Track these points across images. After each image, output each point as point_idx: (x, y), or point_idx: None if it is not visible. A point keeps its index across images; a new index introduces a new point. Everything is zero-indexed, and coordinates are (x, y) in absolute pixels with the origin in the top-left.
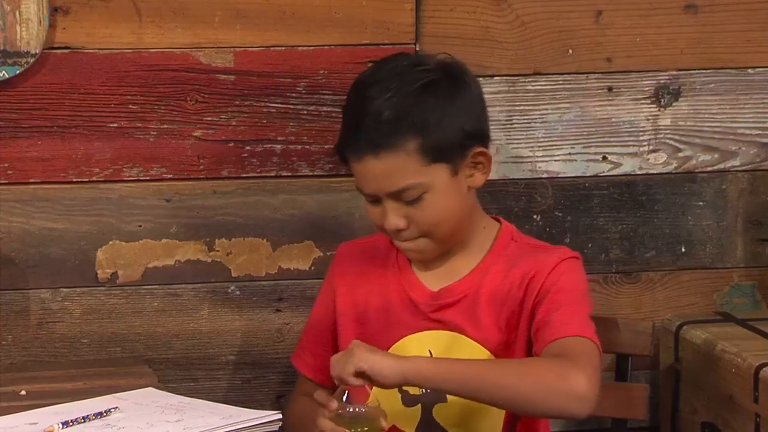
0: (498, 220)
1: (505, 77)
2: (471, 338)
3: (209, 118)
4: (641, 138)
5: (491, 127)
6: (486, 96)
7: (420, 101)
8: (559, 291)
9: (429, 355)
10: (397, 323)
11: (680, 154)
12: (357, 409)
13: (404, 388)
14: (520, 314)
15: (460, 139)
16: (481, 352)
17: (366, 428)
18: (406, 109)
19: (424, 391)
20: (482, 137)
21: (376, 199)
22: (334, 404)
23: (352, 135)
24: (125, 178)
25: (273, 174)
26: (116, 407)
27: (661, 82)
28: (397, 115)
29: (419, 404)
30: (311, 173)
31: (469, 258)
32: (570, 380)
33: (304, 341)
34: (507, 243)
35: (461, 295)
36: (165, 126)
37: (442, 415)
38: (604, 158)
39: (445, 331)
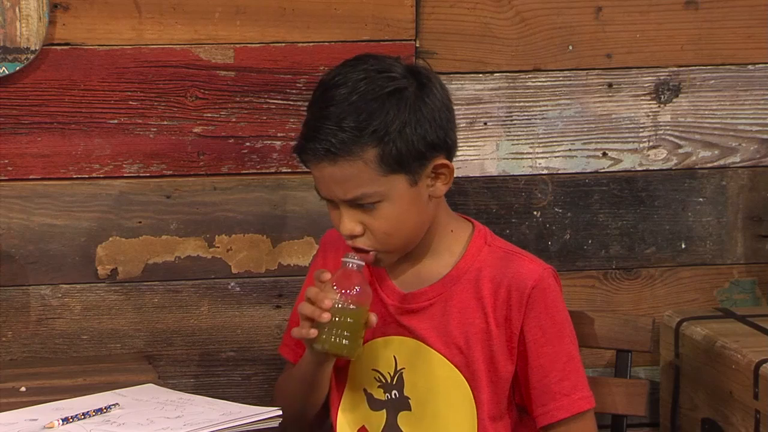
0: (470, 222)
1: (505, 73)
2: (435, 349)
3: (209, 115)
4: (641, 134)
5: (491, 124)
6: (486, 92)
7: (382, 110)
8: (546, 342)
9: (394, 361)
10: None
11: (680, 151)
12: (348, 291)
13: (368, 390)
14: (487, 332)
15: (421, 149)
16: (444, 364)
17: (352, 308)
18: (368, 117)
19: (389, 396)
20: (445, 147)
21: (333, 202)
22: (327, 275)
23: (310, 139)
24: (125, 174)
25: (273, 170)
26: (116, 403)
27: (661, 78)
28: (358, 123)
29: (384, 410)
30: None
31: (438, 263)
32: None
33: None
34: (480, 248)
35: (428, 303)
36: (165, 122)
37: (407, 423)
38: (604, 154)
39: (411, 339)
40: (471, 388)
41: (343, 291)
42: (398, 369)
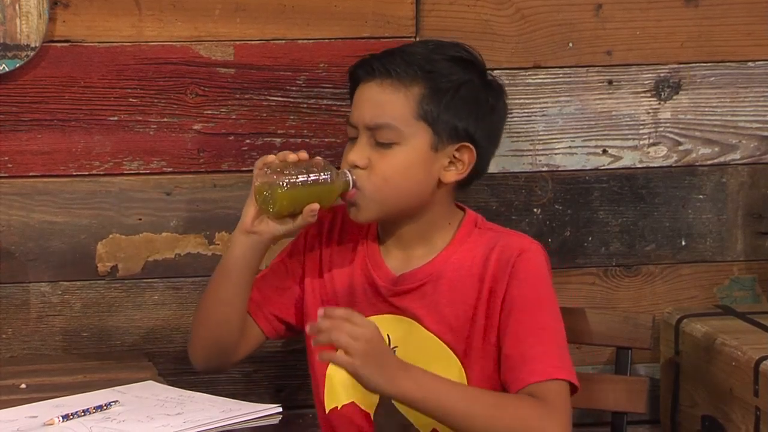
0: (463, 209)
1: (505, 70)
2: (426, 328)
3: (209, 112)
4: (641, 131)
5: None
6: None
7: (446, 64)
8: (524, 310)
9: (387, 339)
10: (358, 302)
11: (680, 148)
12: (321, 174)
13: None
14: (475, 308)
15: (457, 125)
16: (435, 343)
17: (312, 181)
18: (431, 61)
19: None
20: (476, 146)
21: (355, 137)
22: (302, 155)
23: (372, 58)
24: (125, 172)
25: None
26: (116, 400)
27: (662, 75)
28: (421, 61)
29: None
30: None
31: (431, 247)
32: None
33: (270, 285)
34: (470, 230)
35: (420, 283)
36: (165, 119)
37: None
38: (605, 151)
39: (404, 317)
40: (462, 366)
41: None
42: (391, 348)
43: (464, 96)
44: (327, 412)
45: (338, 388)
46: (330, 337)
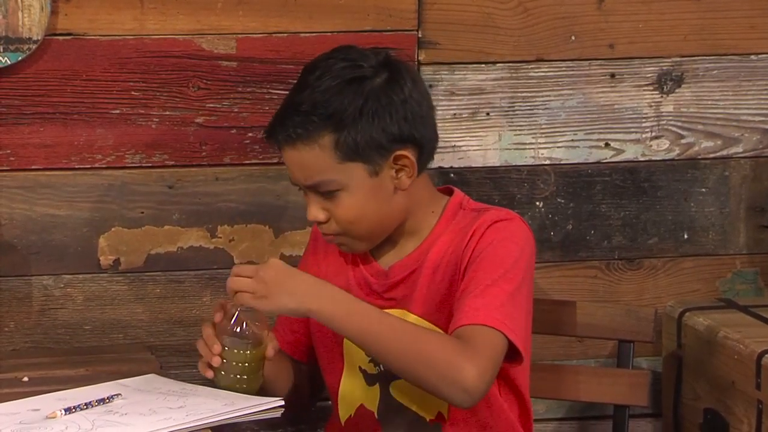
0: (451, 190)
1: (507, 63)
2: (417, 315)
3: (211, 105)
4: (644, 124)
5: (493, 114)
6: (488, 82)
7: (339, 96)
8: (478, 268)
9: None
10: None
11: (683, 141)
12: (239, 330)
13: (363, 367)
14: (457, 282)
15: (380, 140)
16: (424, 325)
17: (244, 351)
18: (324, 102)
19: (379, 369)
20: (412, 141)
21: (303, 189)
22: (218, 317)
23: (273, 122)
24: (127, 165)
25: (275, 161)
26: (118, 394)
27: (664, 68)
28: (313, 108)
29: (377, 383)
30: None
31: (419, 237)
32: (461, 372)
33: (283, 317)
34: (455, 212)
35: (408, 271)
36: (167, 112)
37: (399, 391)
38: (607, 145)
39: (397, 309)
40: None
41: (236, 331)
42: None
43: (371, 112)
44: (343, 423)
45: (348, 397)
46: (232, 286)
